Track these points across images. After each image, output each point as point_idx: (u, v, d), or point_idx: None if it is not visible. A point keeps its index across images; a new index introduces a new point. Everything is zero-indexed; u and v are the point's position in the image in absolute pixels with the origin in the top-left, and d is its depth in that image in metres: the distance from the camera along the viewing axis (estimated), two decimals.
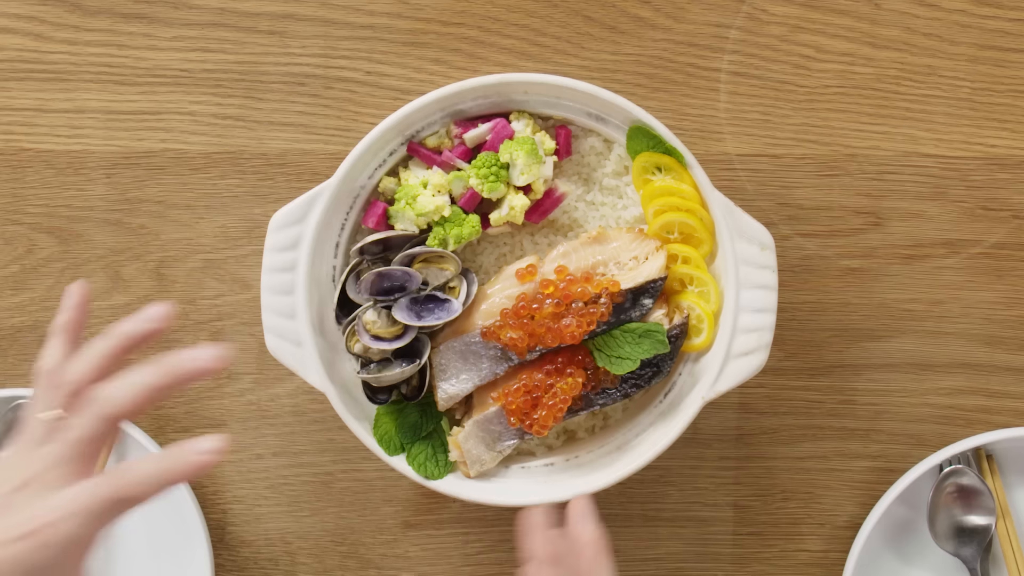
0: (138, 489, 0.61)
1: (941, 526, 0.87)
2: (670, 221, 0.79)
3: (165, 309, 0.64)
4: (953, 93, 0.90)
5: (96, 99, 0.89)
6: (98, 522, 0.60)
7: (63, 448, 0.61)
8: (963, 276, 0.90)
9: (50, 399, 0.63)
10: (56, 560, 0.59)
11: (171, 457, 0.61)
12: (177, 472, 0.61)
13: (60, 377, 0.63)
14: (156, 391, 0.62)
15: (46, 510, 0.60)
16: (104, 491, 0.60)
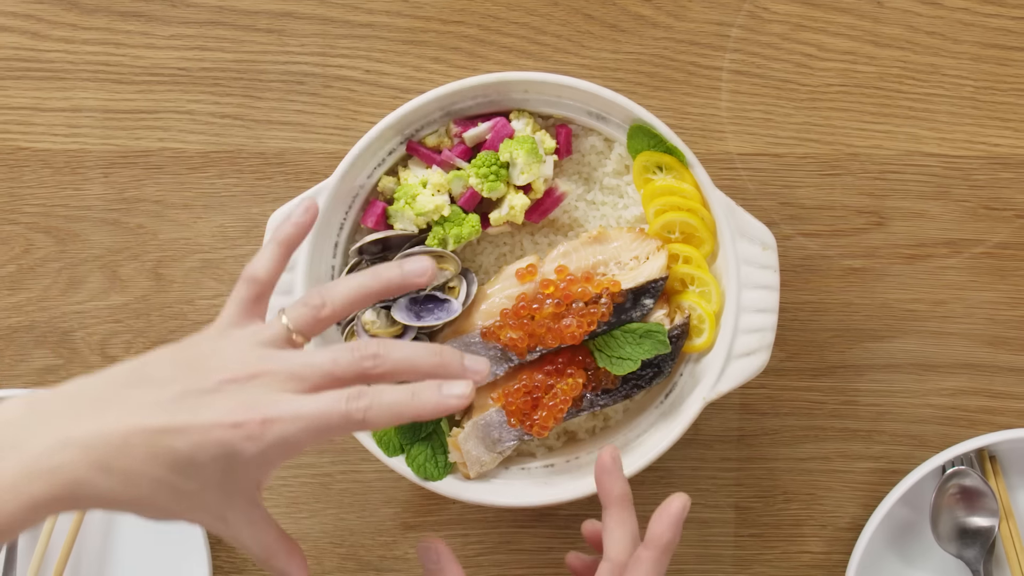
0: (375, 418, 0.58)
1: (944, 528, 0.87)
2: (671, 221, 0.79)
3: (430, 266, 0.65)
4: (956, 92, 0.89)
5: (93, 98, 0.89)
6: (320, 435, 0.58)
7: (305, 368, 0.59)
8: (966, 276, 0.90)
9: (296, 314, 0.62)
10: (257, 458, 0.57)
11: (418, 395, 0.59)
12: (420, 412, 0.59)
13: (314, 298, 0.63)
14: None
15: (269, 405, 0.57)
16: (340, 409, 0.58)
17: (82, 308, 0.89)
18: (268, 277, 0.64)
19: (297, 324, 0.62)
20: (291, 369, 0.59)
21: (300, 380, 0.59)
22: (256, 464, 0.57)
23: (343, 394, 0.58)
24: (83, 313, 0.89)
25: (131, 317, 0.89)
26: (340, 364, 0.60)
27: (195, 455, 0.56)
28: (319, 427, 0.58)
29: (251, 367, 0.59)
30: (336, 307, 0.63)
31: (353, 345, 0.60)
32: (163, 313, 0.89)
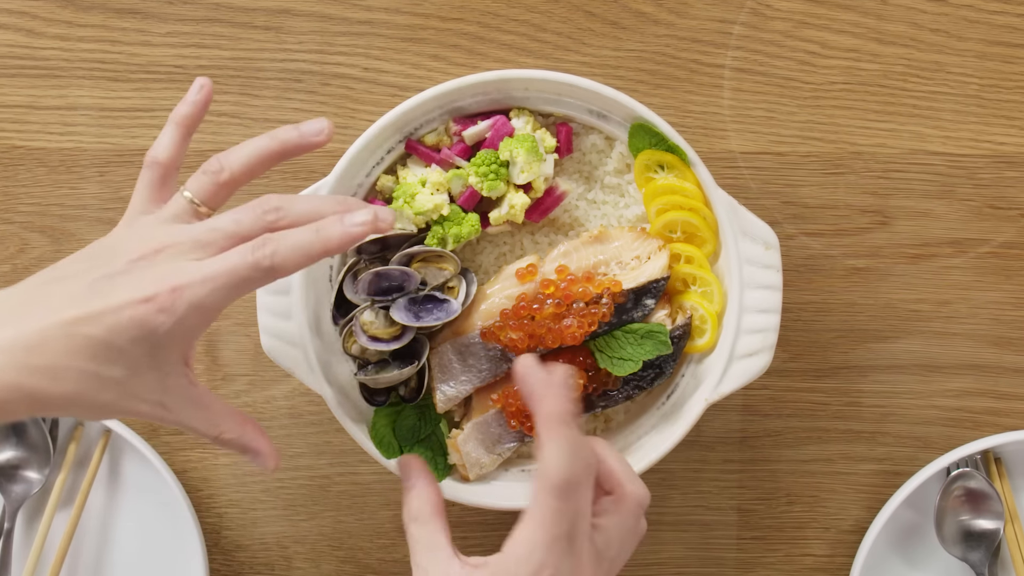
0: (283, 261, 0.59)
1: (948, 530, 0.87)
2: (673, 220, 0.79)
3: (327, 124, 0.65)
4: (961, 90, 0.89)
5: (89, 96, 0.89)
6: (232, 292, 0.59)
7: (208, 232, 0.60)
8: (971, 276, 0.90)
9: (197, 184, 0.63)
10: (175, 328, 0.58)
11: (322, 229, 0.60)
12: (327, 245, 0.60)
13: (212, 164, 0.63)
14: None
15: (177, 273, 0.58)
16: (247, 260, 0.58)
17: None
18: (169, 158, 0.65)
19: (199, 194, 0.63)
20: (195, 237, 0.60)
21: (206, 246, 0.60)
22: (176, 336, 0.58)
23: (248, 246, 0.59)
24: None
25: None
26: (243, 223, 0.61)
27: (112, 339, 0.57)
28: (230, 283, 0.58)
29: (156, 242, 0.60)
30: (235, 170, 0.64)
31: (254, 203, 0.61)
32: None
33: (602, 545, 0.62)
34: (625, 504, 0.64)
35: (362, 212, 0.61)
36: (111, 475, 0.88)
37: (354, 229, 0.60)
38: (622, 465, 0.65)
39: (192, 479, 0.89)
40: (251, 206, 0.61)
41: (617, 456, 0.66)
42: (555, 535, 0.59)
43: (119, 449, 0.88)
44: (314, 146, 0.66)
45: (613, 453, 0.66)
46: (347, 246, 0.60)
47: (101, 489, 0.88)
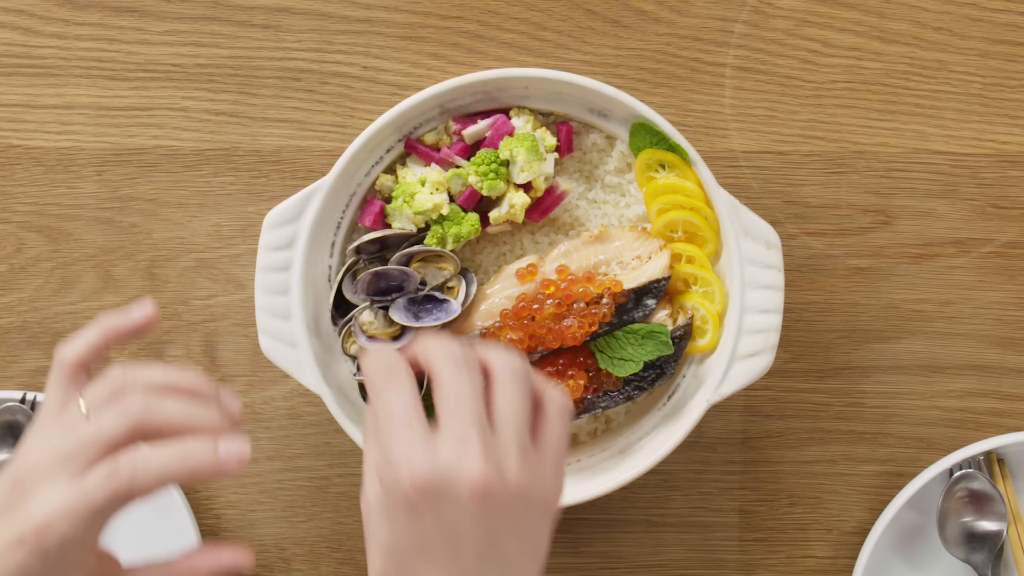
0: (142, 485, 0.57)
1: (951, 532, 0.87)
2: (674, 219, 0.79)
3: (152, 309, 0.64)
4: (964, 88, 0.89)
5: (86, 95, 0.88)
6: (97, 519, 0.57)
7: (74, 446, 0.58)
8: (974, 276, 0.90)
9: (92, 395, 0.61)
10: (56, 566, 0.57)
11: (187, 454, 0.58)
12: (191, 471, 0.58)
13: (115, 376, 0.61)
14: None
15: (40, 509, 0.57)
16: (104, 489, 0.57)
17: (75, 308, 0.88)
18: (76, 359, 0.63)
19: (93, 402, 0.61)
20: (60, 453, 0.58)
21: (68, 462, 0.58)
22: (64, 567, 0.57)
23: (104, 470, 0.57)
24: (76, 314, 0.88)
25: None
26: (105, 429, 0.58)
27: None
28: (89, 513, 0.57)
29: (29, 462, 0.59)
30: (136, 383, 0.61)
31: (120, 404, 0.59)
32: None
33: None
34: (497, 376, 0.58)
35: (236, 445, 0.59)
36: None
37: (228, 464, 0.58)
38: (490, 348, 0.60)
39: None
40: (116, 411, 0.59)
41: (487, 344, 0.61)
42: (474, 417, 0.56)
43: None
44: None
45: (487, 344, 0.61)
46: (216, 477, 0.60)
47: None
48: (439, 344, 0.57)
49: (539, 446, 0.57)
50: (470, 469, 0.53)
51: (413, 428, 0.55)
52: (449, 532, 0.54)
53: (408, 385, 0.56)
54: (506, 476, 0.54)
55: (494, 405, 0.56)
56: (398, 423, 0.55)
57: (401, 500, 0.54)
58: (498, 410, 0.56)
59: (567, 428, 0.59)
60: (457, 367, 0.56)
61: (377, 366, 0.57)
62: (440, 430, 0.55)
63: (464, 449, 0.54)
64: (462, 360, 0.56)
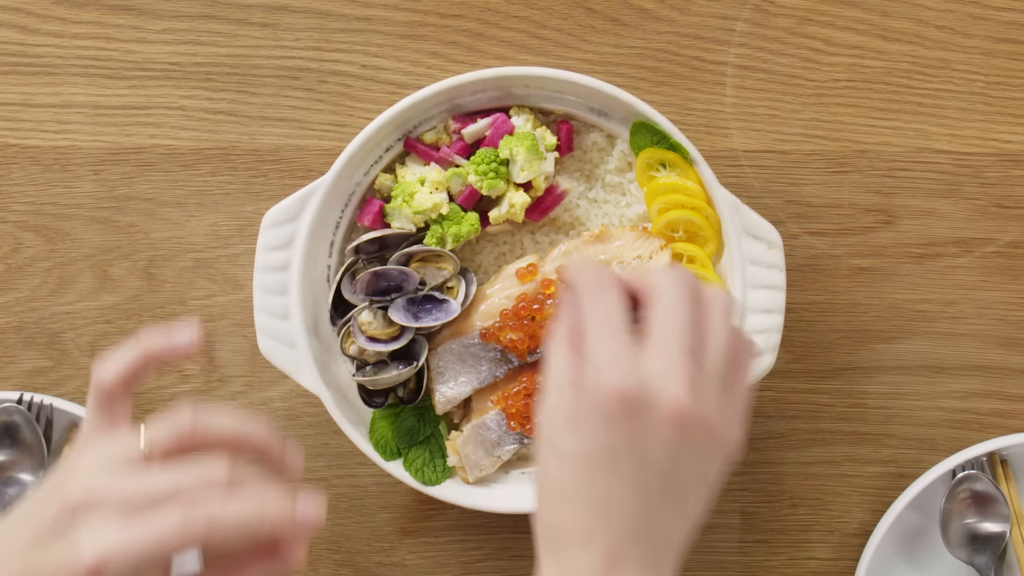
0: (216, 538, 0.55)
1: (954, 533, 0.87)
2: (675, 219, 0.79)
3: (196, 332, 0.62)
4: (966, 87, 0.89)
5: (83, 93, 0.88)
6: (155, 565, 0.56)
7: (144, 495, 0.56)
8: (977, 276, 0.90)
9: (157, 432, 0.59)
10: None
11: (265, 511, 0.56)
12: (270, 528, 0.56)
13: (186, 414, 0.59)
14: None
15: (93, 544, 0.55)
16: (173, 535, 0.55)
17: (72, 309, 0.88)
18: (114, 383, 0.61)
19: (156, 442, 0.59)
20: (127, 497, 0.56)
21: (135, 511, 0.56)
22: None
23: (178, 509, 0.55)
24: (73, 314, 0.88)
25: (122, 318, 0.89)
26: (183, 486, 0.56)
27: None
28: (152, 556, 0.55)
29: (89, 492, 0.56)
30: (207, 435, 0.59)
31: (203, 464, 0.57)
32: (155, 314, 0.89)
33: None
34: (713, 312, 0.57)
35: (314, 504, 0.57)
36: None
37: (304, 525, 0.57)
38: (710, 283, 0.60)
39: None
40: (199, 468, 0.57)
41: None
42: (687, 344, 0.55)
43: None
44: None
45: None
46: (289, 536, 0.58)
47: None
48: (671, 268, 0.57)
49: (732, 388, 0.57)
50: (674, 391, 0.53)
51: (622, 337, 0.54)
52: (638, 448, 0.53)
53: (618, 295, 0.56)
54: (704, 407, 0.54)
55: (706, 337, 0.56)
56: (608, 331, 0.54)
57: (601, 407, 0.53)
58: (709, 343, 0.56)
59: (752, 376, 0.59)
60: (682, 290, 0.56)
61: (587, 273, 0.56)
62: (650, 345, 0.54)
63: (672, 370, 0.53)
64: (688, 286, 0.56)
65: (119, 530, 0.55)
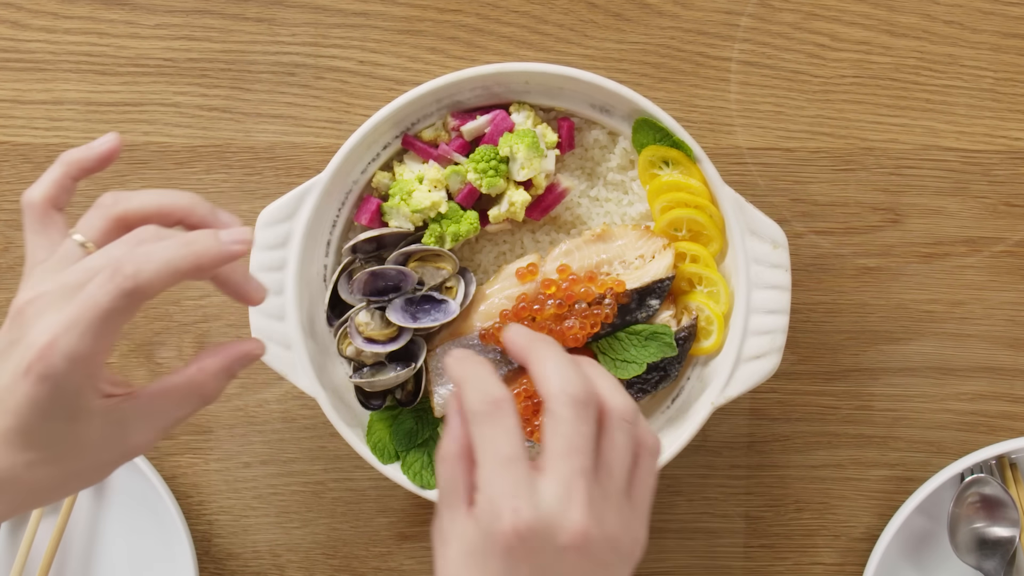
0: (147, 280, 0.55)
1: (962, 538, 0.87)
2: (678, 218, 0.79)
3: (115, 139, 0.62)
4: (975, 84, 0.89)
5: (75, 90, 0.88)
6: (105, 328, 0.55)
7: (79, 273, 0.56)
8: (985, 275, 0.90)
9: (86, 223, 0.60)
10: (65, 390, 0.55)
11: (193, 243, 0.56)
12: (200, 260, 0.56)
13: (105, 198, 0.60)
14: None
15: (41, 330, 0.55)
16: (107, 290, 0.55)
17: None
18: (44, 198, 0.61)
19: (88, 232, 0.59)
20: (65, 281, 0.57)
21: (76, 287, 0.56)
22: (73, 390, 0.55)
23: (106, 271, 0.55)
24: None
25: None
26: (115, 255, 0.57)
27: (25, 420, 0.55)
28: (96, 321, 0.55)
29: (27, 293, 0.57)
30: (129, 208, 0.60)
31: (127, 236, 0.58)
32: (148, 314, 0.89)
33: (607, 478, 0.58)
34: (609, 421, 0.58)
35: (239, 230, 0.58)
36: None
37: (232, 248, 0.57)
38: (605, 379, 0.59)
39: (182, 485, 0.89)
40: (124, 239, 0.57)
41: (601, 371, 0.60)
42: (584, 466, 0.55)
43: None
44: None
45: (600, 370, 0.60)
46: (220, 265, 0.57)
47: (87, 496, 0.88)
48: (561, 374, 0.56)
49: (632, 494, 0.58)
50: (573, 519, 0.54)
51: (518, 470, 0.54)
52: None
53: (515, 422, 0.56)
54: (606, 526, 0.55)
55: (602, 451, 0.56)
56: (502, 463, 0.54)
57: (501, 545, 0.54)
58: (606, 459, 0.56)
59: (656, 478, 0.59)
60: (577, 410, 0.56)
61: (481, 396, 0.56)
62: (546, 472, 0.55)
63: (570, 495, 0.54)
64: (584, 403, 0.56)
65: (60, 308, 0.56)
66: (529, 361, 0.58)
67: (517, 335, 0.60)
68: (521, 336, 0.59)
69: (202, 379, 0.61)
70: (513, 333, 0.60)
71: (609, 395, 0.57)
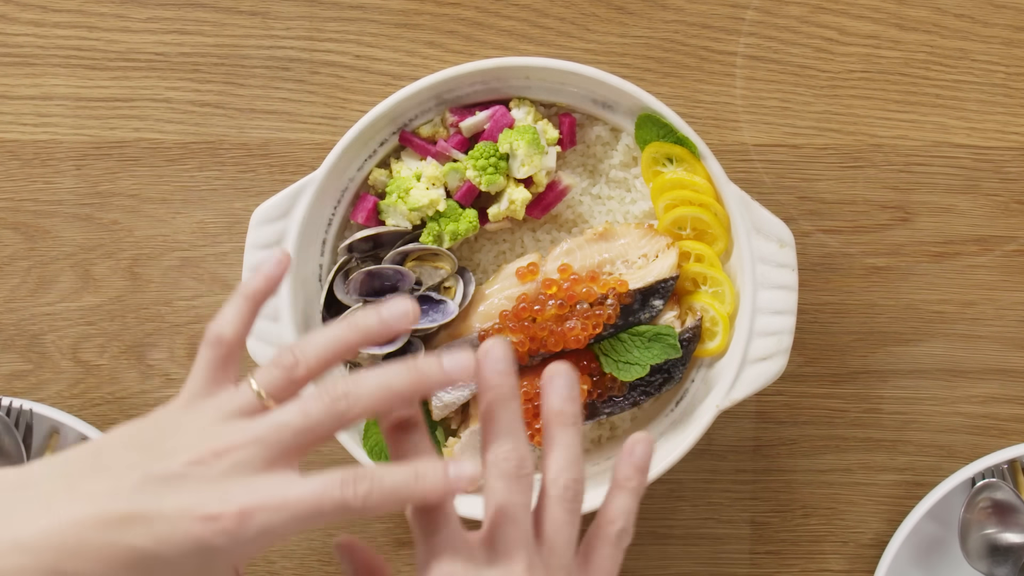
0: (376, 504, 0.55)
1: (973, 544, 0.87)
2: (682, 216, 0.79)
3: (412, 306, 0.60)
4: (986, 78, 0.89)
5: (64, 85, 0.88)
6: (309, 523, 0.55)
7: (275, 431, 0.56)
8: (997, 275, 0.90)
9: (267, 378, 0.58)
10: (235, 551, 0.54)
11: (422, 477, 0.56)
12: (426, 496, 0.56)
13: (286, 358, 0.58)
14: (398, 398, 0.57)
15: (248, 492, 0.54)
16: (334, 494, 0.55)
17: (53, 309, 0.88)
18: (235, 337, 0.60)
19: (269, 388, 0.58)
20: (259, 436, 0.56)
21: (272, 447, 0.56)
22: (235, 557, 0.55)
23: (337, 477, 0.55)
24: (54, 315, 0.88)
25: (105, 319, 0.89)
26: (312, 415, 0.56)
27: (160, 551, 0.53)
28: (309, 515, 0.55)
29: (217, 442, 0.55)
30: (311, 365, 0.59)
31: (319, 390, 0.57)
32: (139, 315, 0.89)
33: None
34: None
35: (469, 465, 0.58)
36: None
37: (458, 485, 0.57)
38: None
39: None
40: (318, 394, 0.57)
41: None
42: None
43: None
44: (398, 334, 0.61)
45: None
46: (444, 499, 0.58)
47: None
48: (498, 445, 0.58)
49: (589, 570, 0.59)
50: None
51: (460, 559, 0.57)
52: None
53: (455, 517, 0.58)
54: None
55: (543, 526, 0.58)
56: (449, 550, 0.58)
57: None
58: (547, 533, 0.58)
59: (621, 556, 0.60)
60: (511, 481, 0.58)
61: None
62: (486, 545, 0.57)
63: (509, 572, 0.56)
64: (517, 473, 0.58)
65: (276, 482, 0.55)
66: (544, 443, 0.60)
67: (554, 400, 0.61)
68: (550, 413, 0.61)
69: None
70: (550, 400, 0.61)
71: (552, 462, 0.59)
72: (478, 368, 0.59)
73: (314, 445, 0.58)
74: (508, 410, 0.59)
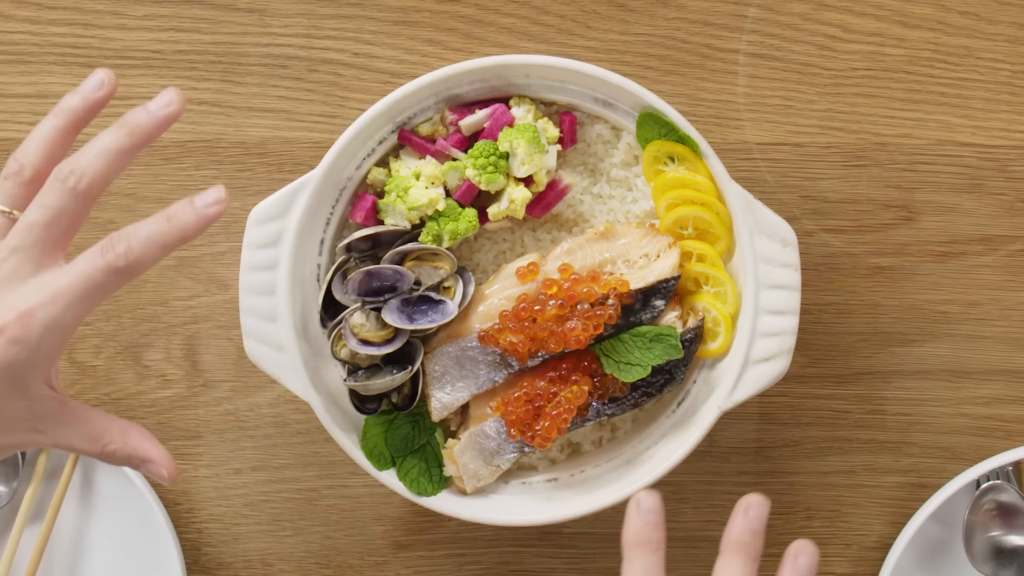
0: (139, 258, 0.59)
1: (978, 546, 0.87)
2: (684, 215, 0.79)
3: (106, 74, 0.63)
4: (991, 76, 0.89)
5: (60, 83, 0.88)
6: (88, 302, 0.58)
7: (25, 234, 0.59)
8: (1002, 275, 0.90)
9: (2, 193, 0.62)
10: (33, 356, 0.57)
11: (174, 217, 0.59)
12: (184, 232, 0.59)
13: (10, 166, 0.62)
14: (123, 154, 0.60)
15: (20, 297, 0.57)
16: (99, 265, 0.58)
17: None
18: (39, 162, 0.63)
19: (7, 201, 0.62)
20: (12, 244, 0.59)
21: (28, 249, 0.59)
22: (36, 362, 0.57)
23: (96, 249, 0.59)
24: None
25: (101, 320, 0.89)
26: (51, 205, 0.59)
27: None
28: (84, 294, 0.58)
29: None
30: (35, 164, 0.62)
31: (49, 179, 0.60)
32: (135, 315, 0.89)
33: None
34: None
35: (212, 192, 0.61)
36: (84, 488, 0.88)
37: (209, 211, 0.60)
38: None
39: (170, 492, 0.89)
40: (48, 183, 0.60)
41: None
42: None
43: (92, 460, 0.88)
44: (99, 103, 0.63)
45: None
46: (203, 230, 0.60)
47: (73, 503, 0.88)
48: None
49: None
50: None
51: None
52: None
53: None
54: None
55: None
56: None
57: None
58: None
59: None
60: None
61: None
62: None
63: None
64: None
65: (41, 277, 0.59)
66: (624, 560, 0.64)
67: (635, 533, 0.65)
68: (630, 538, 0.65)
69: (112, 447, 0.63)
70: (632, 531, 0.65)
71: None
72: (628, 515, 0.64)
73: (73, 229, 0.60)
74: (648, 563, 0.65)
